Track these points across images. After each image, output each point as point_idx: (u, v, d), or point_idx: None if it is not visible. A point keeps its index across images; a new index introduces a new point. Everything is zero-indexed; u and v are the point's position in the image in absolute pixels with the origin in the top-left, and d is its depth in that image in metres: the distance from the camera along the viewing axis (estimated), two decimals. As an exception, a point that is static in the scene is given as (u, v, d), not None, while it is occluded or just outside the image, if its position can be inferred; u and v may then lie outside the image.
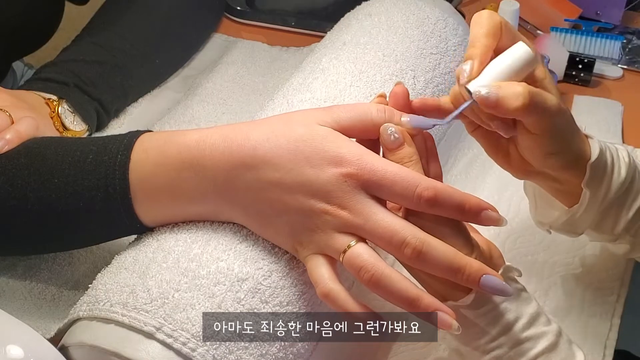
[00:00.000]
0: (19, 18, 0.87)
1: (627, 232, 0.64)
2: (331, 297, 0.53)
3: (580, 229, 0.65)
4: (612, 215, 0.63)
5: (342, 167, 0.53)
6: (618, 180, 0.61)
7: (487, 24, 0.56)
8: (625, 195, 0.62)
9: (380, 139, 0.55)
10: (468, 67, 0.55)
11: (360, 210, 0.52)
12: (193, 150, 0.56)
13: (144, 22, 0.91)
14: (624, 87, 0.99)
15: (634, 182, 0.62)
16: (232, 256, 0.55)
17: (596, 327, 0.68)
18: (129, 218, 0.58)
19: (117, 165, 0.57)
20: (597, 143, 0.61)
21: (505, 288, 0.52)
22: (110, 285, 0.54)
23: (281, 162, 0.54)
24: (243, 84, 0.95)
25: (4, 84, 0.95)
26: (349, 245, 0.53)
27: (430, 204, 0.52)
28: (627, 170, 0.62)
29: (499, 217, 0.53)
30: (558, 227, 0.65)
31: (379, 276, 0.51)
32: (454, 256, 0.52)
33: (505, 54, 0.56)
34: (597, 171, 0.60)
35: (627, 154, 0.63)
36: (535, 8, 1.08)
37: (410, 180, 0.52)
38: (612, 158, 0.61)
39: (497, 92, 0.54)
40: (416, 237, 0.52)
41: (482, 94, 0.54)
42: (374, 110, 0.56)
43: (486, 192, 0.80)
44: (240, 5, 1.10)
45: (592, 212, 0.62)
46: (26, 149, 0.62)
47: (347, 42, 0.75)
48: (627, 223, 0.63)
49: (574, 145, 0.60)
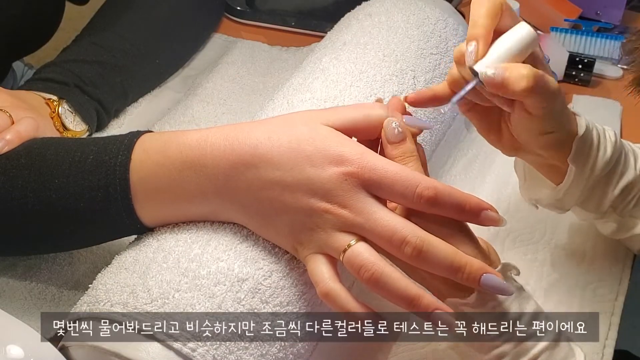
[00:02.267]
0: (19, 18, 0.87)
1: (614, 210, 0.65)
2: (331, 297, 0.53)
3: (567, 205, 0.66)
4: (598, 193, 0.64)
5: (343, 166, 0.53)
6: (604, 158, 0.62)
7: (488, 4, 0.57)
8: (612, 174, 0.63)
9: (383, 133, 0.56)
10: (473, 48, 0.56)
11: (360, 209, 0.53)
12: (194, 150, 0.56)
13: (144, 22, 0.91)
14: (624, 87, 0.99)
15: (620, 161, 0.63)
16: (232, 256, 0.55)
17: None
18: (130, 218, 0.58)
19: (118, 165, 0.57)
20: (584, 121, 0.62)
21: (506, 287, 0.52)
22: (111, 286, 0.54)
23: (282, 161, 0.54)
24: (243, 84, 0.95)
25: (4, 84, 0.95)
26: (349, 244, 0.53)
27: (430, 203, 0.52)
28: (612, 149, 0.63)
29: (499, 218, 0.54)
30: (546, 204, 0.67)
31: (379, 275, 0.51)
32: (455, 255, 0.52)
33: (508, 34, 0.57)
34: (583, 147, 0.61)
35: (613, 134, 0.64)
36: (535, 8, 1.08)
37: (411, 179, 0.52)
38: (599, 136, 0.63)
39: (504, 73, 0.55)
40: (416, 235, 0.52)
41: (488, 74, 0.55)
42: (376, 110, 0.56)
43: (486, 191, 0.80)
44: (240, 5, 1.10)
45: (578, 188, 0.63)
46: (26, 150, 0.62)
47: (347, 42, 0.75)
48: (612, 201, 0.64)
49: (566, 124, 0.61)
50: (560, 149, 0.61)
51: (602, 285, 0.71)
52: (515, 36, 0.57)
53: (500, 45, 0.57)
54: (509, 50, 0.56)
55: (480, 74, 0.55)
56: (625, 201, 0.65)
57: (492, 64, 0.56)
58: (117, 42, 0.87)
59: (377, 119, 0.56)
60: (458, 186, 0.80)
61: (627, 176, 0.64)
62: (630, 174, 0.64)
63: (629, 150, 0.66)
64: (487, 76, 0.55)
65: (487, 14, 0.57)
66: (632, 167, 0.64)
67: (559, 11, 1.07)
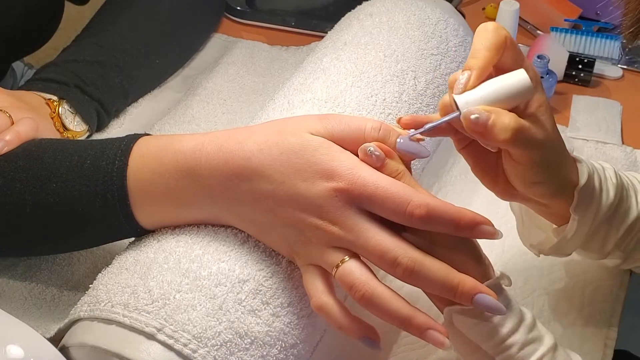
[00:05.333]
0: (19, 18, 0.87)
1: (618, 248, 0.63)
2: (324, 311, 0.53)
3: (569, 250, 0.64)
4: (601, 235, 0.62)
5: (332, 182, 0.52)
6: (607, 203, 0.60)
7: (492, 37, 0.54)
8: (614, 216, 0.61)
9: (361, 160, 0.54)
10: (464, 78, 0.54)
11: (351, 226, 0.52)
12: (189, 159, 0.55)
13: (144, 22, 0.91)
14: (624, 87, 0.99)
15: (622, 201, 0.62)
16: (233, 257, 0.55)
17: (596, 326, 0.68)
18: (129, 223, 0.58)
19: (115, 171, 0.57)
20: (586, 167, 0.60)
21: (498, 306, 0.52)
22: (111, 286, 0.54)
23: (274, 175, 0.53)
24: (243, 84, 0.95)
25: (4, 84, 0.95)
26: (342, 260, 0.52)
27: (422, 221, 0.51)
28: (615, 191, 0.61)
29: (495, 231, 0.53)
30: (547, 251, 0.65)
31: (370, 295, 0.51)
32: (446, 275, 0.51)
33: (504, 77, 0.54)
34: (585, 196, 0.59)
35: (614, 173, 0.62)
36: (535, 8, 1.08)
37: (402, 197, 0.51)
38: (600, 180, 0.61)
39: (486, 120, 0.52)
40: (407, 256, 0.51)
41: (471, 118, 0.52)
42: (368, 126, 0.55)
43: (486, 191, 0.80)
44: (240, 5, 1.10)
45: (581, 234, 0.61)
46: (24, 152, 0.62)
47: (348, 42, 0.75)
48: (617, 241, 0.63)
49: (561, 174, 0.58)
50: (556, 198, 0.59)
51: (603, 284, 0.72)
52: (510, 81, 0.53)
53: (491, 85, 0.53)
54: (499, 93, 0.53)
55: (463, 115, 0.53)
56: (628, 238, 0.63)
57: (475, 101, 0.53)
58: (117, 42, 0.87)
59: (368, 136, 0.54)
60: (458, 187, 0.81)
61: (630, 215, 0.62)
62: (633, 212, 0.62)
63: (629, 185, 0.63)
64: (469, 120, 0.52)
65: (489, 47, 0.54)
66: (633, 204, 0.62)
67: (559, 11, 1.07)
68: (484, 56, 0.54)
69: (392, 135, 0.55)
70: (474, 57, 0.54)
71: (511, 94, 0.53)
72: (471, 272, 0.53)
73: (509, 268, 0.72)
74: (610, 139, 0.89)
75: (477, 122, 0.52)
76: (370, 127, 0.55)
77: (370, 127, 0.55)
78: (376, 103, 0.68)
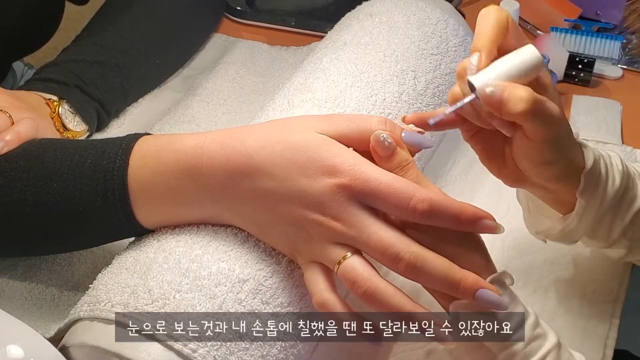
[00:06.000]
0: (19, 18, 0.87)
1: (624, 236, 0.64)
2: (326, 308, 0.53)
3: (575, 237, 0.64)
4: (607, 222, 0.62)
5: (335, 178, 0.52)
6: (613, 189, 0.61)
7: (495, 18, 0.55)
8: (620, 202, 0.62)
9: (372, 147, 0.54)
10: (475, 60, 0.55)
11: (354, 222, 0.52)
12: (190, 158, 0.56)
13: (144, 22, 0.91)
14: (624, 87, 0.99)
15: (628, 189, 0.62)
16: (233, 257, 0.55)
17: (596, 326, 0.68)
18: (129, 222, 0.58)
19: (116, 171, 0.57)
20: (592, 152, 0.60)
21: (501, 302, 0.52)
22: (111, 286, 0.54)
23: (276, 172, 0.53)
24: (243, 84, 0.95)
25: (4, 84, 0.95)
26: (344, 256, 0.52)
27: (425, 216, 0.51)
28: (621, 177, 0.61)
29: (496, 225, 0.53)
30: (553, 237, 0.65)
31: (372, 291, 0.51)
32: (448, 271, 0.51)
33: (513, 54, 0.55)
34: (591, 180, 0.60)
35: (620, 161, 0.63)
36: (535, 8, 1.08)
37: (405, 192, 0.51)
38: (606, 166, 0.61)
39: (502, 92, 0.53)
40: (409, 251, 0.51)
41: (486, 91, 0.53)
42: (374, 122, 0.55)
43: (486, 191, 0.80)
44: (240, 5, 1.10)
45: (587, 220, 0.62)
46: (25, 152, 0.62)
47: (348, 42, 0.75)
48: (623, 229, 0.63)
49: (570, 155, 0.59)
50: (563, 182, 0.60)
51: (603, 284, 0.71)
52: (520, 57, 0.55)
53: (503, 62, 0.55)
54: (510, 68, 0.54)
55: (478, 89, 0.53)
56: (635, 227, 0.63)
57: (490, 81, 0.54)
58: (117, 42, 0.87)
59: (372, 130, 0.55)
60: (458, 187, 0.81)
61: (637, 203, 0.62)
62: (639, 200, 0.62)
63: (635, 174, 0.64)
64: (485, 93, 0.53)
65: (493, 27, 0.55)
66: (639, 193, 0.63)
67: (559, 11, 1.07)
68: (489, 35, 0.55)
69: (397, 130, 0.56)
70: (480, 38, 0.55)
71: (523, 69, 0.55)
72: (475, 268, 0.53)
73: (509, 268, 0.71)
74: (610, 139, 0.89)
75: (492, 96, 0.53)
76: (377, 121, 0.55)
77: (376, 121, 0.55)
78: (376, 103, 0.68)
